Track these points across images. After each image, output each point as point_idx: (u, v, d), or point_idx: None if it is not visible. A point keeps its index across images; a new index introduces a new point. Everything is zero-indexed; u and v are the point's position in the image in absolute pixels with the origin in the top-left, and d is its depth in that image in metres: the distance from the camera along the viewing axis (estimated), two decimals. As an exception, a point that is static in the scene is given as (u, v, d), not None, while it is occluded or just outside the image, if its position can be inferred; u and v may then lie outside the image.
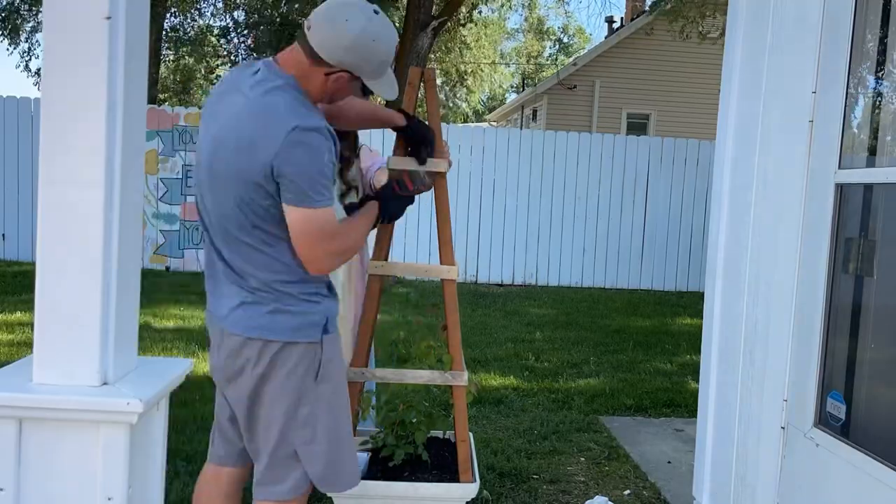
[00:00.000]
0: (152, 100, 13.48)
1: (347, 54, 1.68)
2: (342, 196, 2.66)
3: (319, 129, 1.63)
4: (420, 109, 7.34)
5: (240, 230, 1.71)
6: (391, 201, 1.98)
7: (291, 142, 1.60)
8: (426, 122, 2.18)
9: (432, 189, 2.29)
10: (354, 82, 1.77)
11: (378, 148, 9.17)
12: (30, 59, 18.89)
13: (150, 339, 5.57)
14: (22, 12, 16.78)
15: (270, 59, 1.76)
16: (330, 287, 1.87)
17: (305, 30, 1.71)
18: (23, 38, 17.69)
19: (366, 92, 1.86)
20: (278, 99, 1.66)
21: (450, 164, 2.30)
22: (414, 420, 2.41)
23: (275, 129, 1.61)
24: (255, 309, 1.73)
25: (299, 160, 1.61)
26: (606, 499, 3.06)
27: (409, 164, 2.20)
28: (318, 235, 1.67)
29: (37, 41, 17.83)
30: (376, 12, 1.73)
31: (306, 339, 1.75)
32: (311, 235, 1.67)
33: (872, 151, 2.17)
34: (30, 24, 17.44)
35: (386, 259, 2.32)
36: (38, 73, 19.47)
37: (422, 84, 2.32)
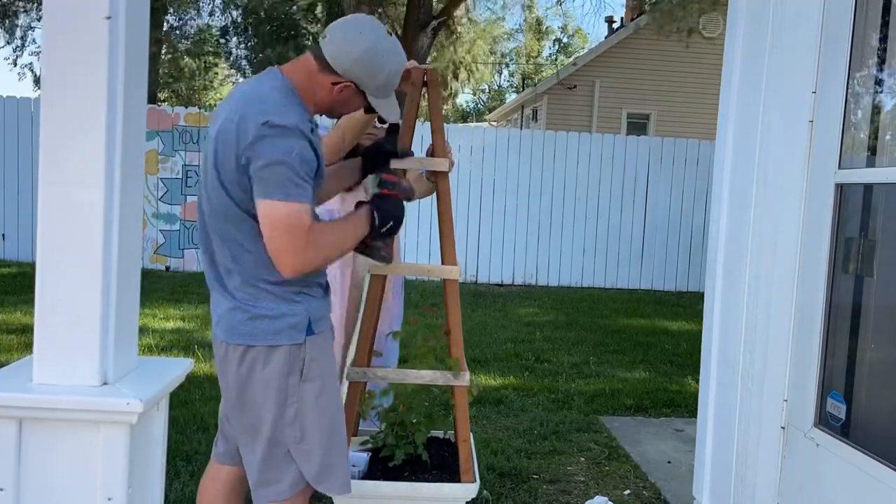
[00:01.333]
0: (152, 100, 13.49)
1: (355, 66, 1.76)
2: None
3: (292, 126, 1.66)
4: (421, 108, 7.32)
5: (225, 222, 1.74)
6: (381, 200, 1.93)
7: (260, 135, 1.64)
8: (392, 147, 2.19)
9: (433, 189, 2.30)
10: (358, 97, 1.82)
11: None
12: (20, 55, 18.91)
13: (150, 339, 5.57)
14: (15, 10, 16.78)
15: (275, 67, 1.83)
16: (321, 286, 1.87)
17: (321, 39, 1.79)
18: (17, 36, 17.71)
19: (368, 111, 1.91)
20: (261, 92, 1.72)
21: (452, 165, 2.30)
22: (414, 420, 2.41)
23: (250, 122, 1.66)
24: (237, 315, 1.76)
25: (266, 153, 1.64)
26: (606, 499, 3.06)
27: (410, 163, 2.20)
28: (282, 229, 1.65)
29: (32, 39, 17.83)
30: (390, 34, 1.82)
31: (288, 342, 1.77)
32: (275, 229, 1.66)
33: (872, 151, 2.18)
34: (22, 21, 17.44)
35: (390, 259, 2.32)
36: (28, 67, 19.48)
37: (424, 84, 2.32)
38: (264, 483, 1.83)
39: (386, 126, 2.15)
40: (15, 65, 18.95)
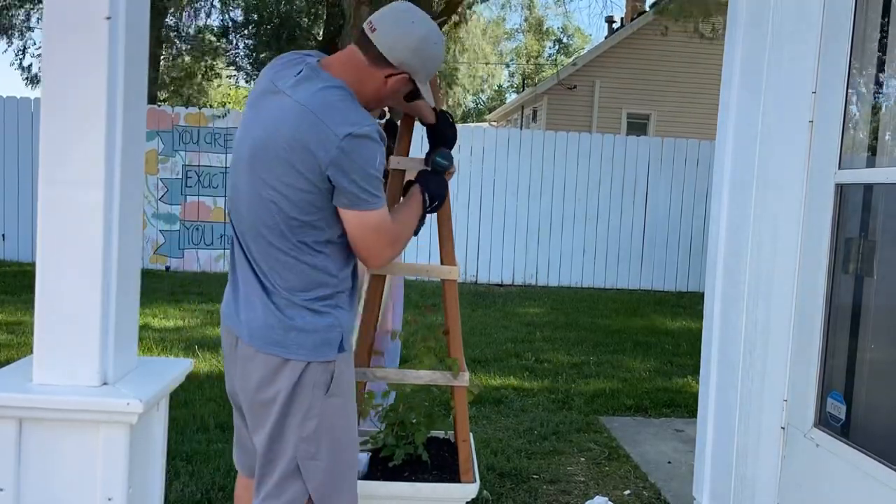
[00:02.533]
0: (152, 100, 13.49)
1: (413, 56, 1.71)
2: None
3: (370, 134, 1.62)
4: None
5: (272, 234, 1.69)
6: (430, 180, 1.95)
7: (344, 149, 1.59)
8: (453, 124, 2.14)
9: None
10: (406, 87, 1.78)
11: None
12: (23, 58, 18.93)
13: (150, 339, 5.57)
14: (16, 11, 16.80)
15: (314, 61, 1.73)
16: (349, 294, 1.84)
17: (368, 32, 1.71)
18: (17, 36, 17.73)
19: (410, 98, 1.85)
20: (329, 99, 1.64)
21: (453, 169, 2.29)
22: (414, 420, 2.41)
23: (326, 136, 1.59)
24: (272, 323, 1.71)
25: (352, 168, 1.61)
26: (606, 499, 3.06)
27: (411, 163, 2.20)
28: (373, 236, 1.71)
29: (32, 40, 17.86)
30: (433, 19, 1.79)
31: (321, 359, 1.73)
32: (367, 237, 1.70)
33: (872, 151, 2.17)
34: (23, 22, 17.45)
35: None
36: (29, 68, 19.51)
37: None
38: (265, 493, 1.78)
39: (384, 121, 2.15)
40: (21, 67, 18.95)
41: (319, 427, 1.75)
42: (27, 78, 19.67)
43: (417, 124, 2.21)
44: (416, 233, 1.94)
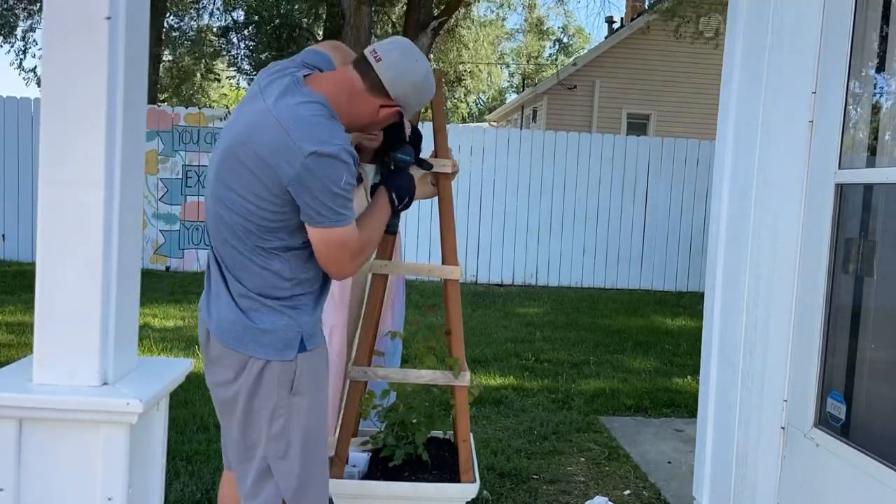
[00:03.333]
0: (152, 100, 13.48)
1: (412, 92, 1.76)
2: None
3: (338, 153, 1.61)
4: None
5: (230, 233, 1.72)
6: (395, 178, 1.95)
7: (307, 167, 1.59)
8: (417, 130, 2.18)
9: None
10: (395, 118, 1.82)
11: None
12: (24, 58, 18.95)
13: (151, 339, 5.57)
14: (17, 11, 16.81)
15: (302, 75, 1.75)
16: (314, 296, 1.84)
17: (372, 61, 1.73)
18: (18, 37, 17.73)
19: (389, 128, 1.92)
20: (303, 115, 1.64)
21: (456, 170, 2.29)
22: (414, 420, 2.41)
23: (292, 151, 1.59)
24: (235, 320, 1.74)
25: (315, 185, 1.61)
26: (606, 499, 3.06)
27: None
28: (336, 252, 1.71)
29: (33, 40, 17.86)
30: None
31: (280, 358, 1.75)
32: (329, 253, 1.71)
33: (872, 151, 2.17)
34: (27, 23, 17.47)
35: (390, 258, 2.32)
36: (32, 70, 19.54)
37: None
38: (250, 496, 1.80)
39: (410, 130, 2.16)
40: (21, 67, 18.97)
41: (287, 426, 1.77)
42: (27, 80, 19.70)
43: (426, 130, 2.21)
44: (391, 231, 1.97)
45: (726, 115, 2.58)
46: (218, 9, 18.31)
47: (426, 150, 2.14)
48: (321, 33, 16.28)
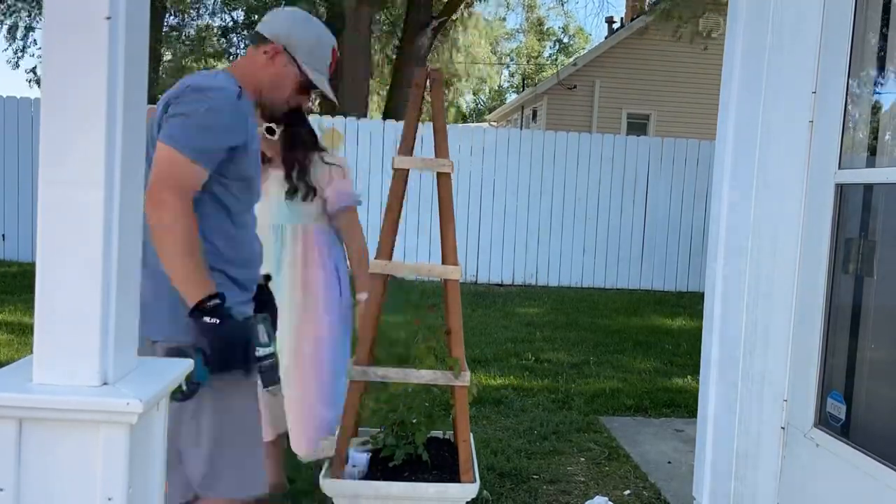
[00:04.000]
0: (152, 100, 13.48)
1: (283, 25, 1.88)
2: (303, 197, 2.57)
3: (210, 88, 1.74)
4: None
5: None
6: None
7: (179, 93, 1.73)
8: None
9: (436, 189, 2.29)
10: (292, 67, 1.89)
11: (378, 164, 9.17)
12: (21, 58, 18.97)
13: (150, 340, 5.56)
14: (16, 11, 16.82)
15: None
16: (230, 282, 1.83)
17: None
18: (18, 37, 17.74)
19: (305, 88, 1.95)
20: (198, 74, 1.82)
21: (451, 168, 2.30)
22: (414, 420, 2.41)
23: (176, 89, 1.76)
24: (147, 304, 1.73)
25: (179, 107, 1.72)
26: (606, 499, 3.06)
27: (412, 163, 2.20)
28: (162, 173, 1.71)
29: (33, 40, 17.86)
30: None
31: (164, 342, 1.73)
32: (158, 171, 1.71)
33: (872, 151, 2.18)
34: (23, 23, 17.47)
35: (390, 258, 2.32)
36: (32, 70, 19.55)
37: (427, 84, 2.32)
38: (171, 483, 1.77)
39: (276, 136, 2.29)
40: (17, 66, 19.01)
41: (198, 412, 1.77)
42: (28, 81, 19.71)
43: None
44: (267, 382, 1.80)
45: (726, 115, 2.58)
46: (220, 9, 18.31)
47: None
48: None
